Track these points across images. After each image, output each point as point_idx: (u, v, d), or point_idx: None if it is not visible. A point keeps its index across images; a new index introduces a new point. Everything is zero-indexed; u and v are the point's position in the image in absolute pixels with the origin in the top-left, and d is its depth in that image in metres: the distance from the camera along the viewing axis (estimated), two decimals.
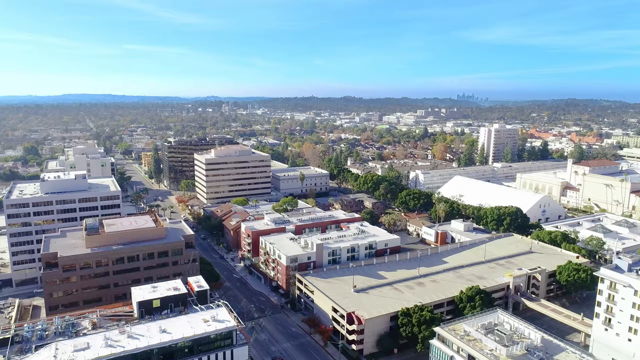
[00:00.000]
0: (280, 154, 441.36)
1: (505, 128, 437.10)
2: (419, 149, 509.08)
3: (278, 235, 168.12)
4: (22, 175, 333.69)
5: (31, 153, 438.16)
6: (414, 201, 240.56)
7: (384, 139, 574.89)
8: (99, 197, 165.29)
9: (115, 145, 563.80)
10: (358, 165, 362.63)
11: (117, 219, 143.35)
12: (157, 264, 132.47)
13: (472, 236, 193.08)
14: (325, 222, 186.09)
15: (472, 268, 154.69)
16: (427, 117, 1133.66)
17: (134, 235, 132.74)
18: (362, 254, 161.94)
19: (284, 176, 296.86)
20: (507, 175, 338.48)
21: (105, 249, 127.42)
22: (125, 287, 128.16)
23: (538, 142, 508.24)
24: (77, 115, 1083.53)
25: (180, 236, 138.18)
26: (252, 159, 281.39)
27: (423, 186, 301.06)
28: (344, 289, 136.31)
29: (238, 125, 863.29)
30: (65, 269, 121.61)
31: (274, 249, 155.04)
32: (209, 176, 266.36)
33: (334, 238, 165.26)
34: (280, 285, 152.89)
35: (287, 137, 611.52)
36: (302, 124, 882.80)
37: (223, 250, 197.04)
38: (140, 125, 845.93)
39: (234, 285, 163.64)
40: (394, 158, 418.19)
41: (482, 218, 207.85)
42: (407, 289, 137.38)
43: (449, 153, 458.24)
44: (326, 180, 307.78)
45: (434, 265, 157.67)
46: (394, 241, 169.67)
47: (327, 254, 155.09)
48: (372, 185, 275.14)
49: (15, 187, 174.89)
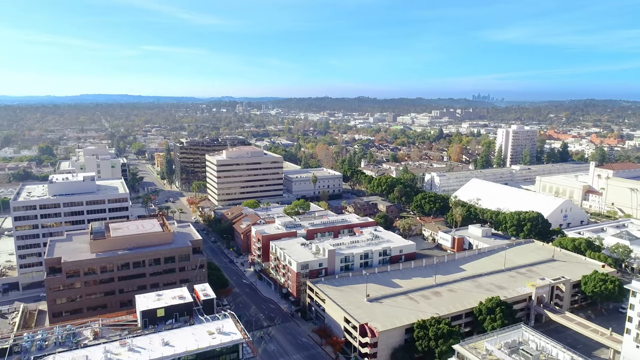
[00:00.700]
0: (293, 155, 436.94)
1: (524, 129, 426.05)
2: (434, 151, 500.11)
3: (289, 240, 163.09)
4: (35, 176, 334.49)
5: (46, 153, 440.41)
6: (430, 205, 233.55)
7: (398, 140, 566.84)
8: (106, 200, 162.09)
9: (129, 145, 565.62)
10: (372, 167, 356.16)
11: (124, 223, 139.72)
12: (163, 270, 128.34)
13: (490, 242, 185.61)
14: (337, 227, 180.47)
15: (492, 277, 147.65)
16: (442, 117, 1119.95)
17: (140, 240, 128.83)
18: (376, 260, 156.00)
19: (296, 178, 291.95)
20: (525, 178, 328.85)
21: (111, 254, 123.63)
22: (130, 294, 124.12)
23: (557, 144, 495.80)
24: (93, 116, 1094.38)
25: (187, 241, 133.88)
26: (264, 161, 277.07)
27: (439, 189, 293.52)
28: (356, 297, 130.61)
29: (251, 126, 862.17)
30: (69, 274, 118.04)
31: (285, 255, 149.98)
32: (220, 177, 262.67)
33: (346, 244, 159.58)
34: (291, 292, 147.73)
35: (301, 138, 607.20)
36: (316, 124, 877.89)
37: (233, 254, 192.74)
38: (154, 126, 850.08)
39: (243, 291, 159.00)
40: (408, 160, 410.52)
41: (501, 223, 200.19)
42: (423, 299, 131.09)
43: (465, 155, 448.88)
44: (339, 182, 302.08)
45: (451, 274, 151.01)
46: (409, 247, 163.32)
47: (339, 260, 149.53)
48: (386, 187, 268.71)
49: (23, 188, 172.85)
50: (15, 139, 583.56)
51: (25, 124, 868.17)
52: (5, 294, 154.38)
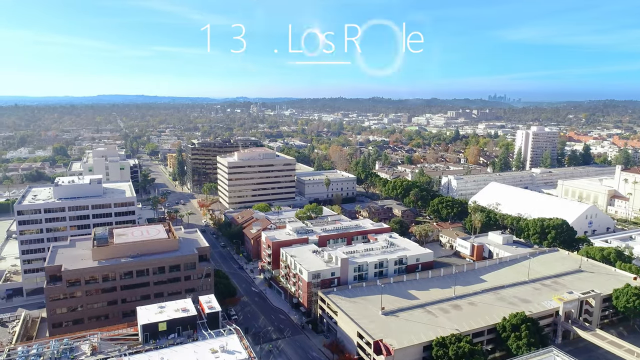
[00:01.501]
0: (306, 156, 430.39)
1: (544, 131, 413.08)
2: (451, 152, 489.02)
3: (300, 247, 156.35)
4: (48, 176, 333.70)
5: (60, 153, 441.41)
6: (447, 210, 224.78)
7: (413, 142, 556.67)
8: (113, 204, 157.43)
9: (143, 146, 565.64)
10: (387, 169, 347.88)
11: (128, 229, 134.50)
12: (168, 278, 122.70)
13: (512, 250, 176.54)
14: (351, 233, 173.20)
15: (515, 289, 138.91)
16: (458, 118, 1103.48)
17: (144, 247, 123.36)
18: (391, 269, 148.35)
19: (309, 180, 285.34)
20: (546, 181, 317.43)
21: (113, 262, 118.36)
22: (133, 304, 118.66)
23: (578, 146, 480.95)
24: (109, 116, 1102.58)
25: (194, 248, 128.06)
26: (277, 163, 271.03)
27: (456, 192, 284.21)
28: (370, 310, 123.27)
29: (265, 126, 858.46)
30: (70, 283, 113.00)
31: (295, 263, 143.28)
32: (231, 180, 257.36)
33: (360, 251, 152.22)
34: (301, 302, 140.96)
35: (314, 139, 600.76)
36: (330, 125, 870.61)
37: (243, 259, 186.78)
38: (169, 126, 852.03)
39: (252, 299, 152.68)
40: (424, 162, 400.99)
41: (523, 230, 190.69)
42: (442, 313, 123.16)
43: (483, 157, 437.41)
44: (353, 185, 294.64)
45: (471, 284, 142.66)
46: (426, 256, 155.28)
47: (352, 269, 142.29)
48: (401, 191, 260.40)
49: (30, 191, 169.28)
50: (31, 139, 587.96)
51: (42, 124, 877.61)
52: (9, 300, 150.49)
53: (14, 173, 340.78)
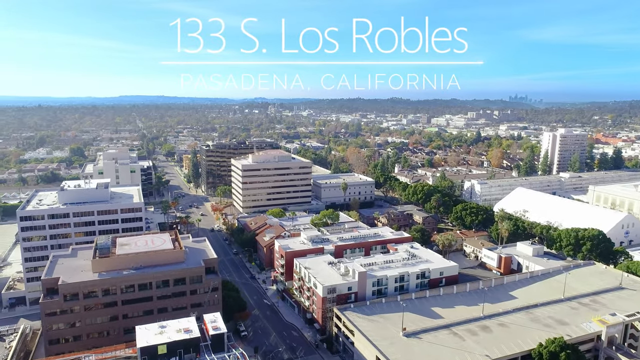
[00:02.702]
0: (323, 158, 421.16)
1: (573, 133, 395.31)
2: (472, 155, 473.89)
3: (315, 258, 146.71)
4: (62, 178, 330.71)
5: (76, 154, 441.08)
6: (471, 217, 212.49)
7: (433, 143, 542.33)
8: (119, 209, 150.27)
9: (160, 146, 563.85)
10: (406, 172, 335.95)
11: (133, 237, 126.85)
12: (172, 293, 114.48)
13: (543, 263, 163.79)
14: (369, 243, 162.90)
15: (549, 308, 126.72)
16: (479, 119, 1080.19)
17: (147, 259, 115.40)
18: (413, 284, 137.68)
19: (326, 184, 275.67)
20: (576, 187, 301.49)
21: (114, 275, 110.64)
22: (135, 319, 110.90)
23: (607, 149, 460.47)
24: (129, 116, 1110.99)
25: (201, 260, 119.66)
26: (292, 165, 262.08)
27: (479, 198, 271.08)
28: (390, 331, 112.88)
29: (282, 127, 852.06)
30: (67, 297, 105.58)
31: (310, 276, 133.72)
32: (245, 183, 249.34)
33: (379, 263, 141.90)
34: (316, 318, 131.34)
35: (331, 140, 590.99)
36: (348, 126, 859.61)
37: (255, 268, 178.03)
38: (186, 127, 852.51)
39: (263, 313, 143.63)
40: (445, 165, 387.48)
41: (555, 241, 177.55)
42: (470, 335, 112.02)
43: (506, 160, 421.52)
44: (371, 189, 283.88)
45: (501, 301, 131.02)
46: (450, 269, 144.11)
47: (371, 283, 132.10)
48: (422, 196, 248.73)
49: (35, 195, 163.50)
50: (50, 140, 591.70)
51: (63, 124, 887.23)
52: (11, 309, 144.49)
53: (30, 174, 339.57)
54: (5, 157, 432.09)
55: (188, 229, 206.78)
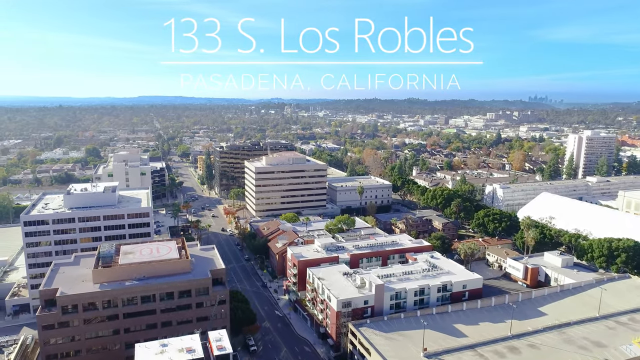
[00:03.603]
0: (339, 160, 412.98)
1: (600, 135, 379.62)
2: (493, 157, 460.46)
3: (329, 268, 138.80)
4: (77, 179, 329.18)
5: (92, 155, 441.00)
6: (494, 223, 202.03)
7: (452, 145, 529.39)
8: (126, 214, 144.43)
9: (175, 147, 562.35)
10: (425, 175, 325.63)
11: (138, 245, 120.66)
12: (177, 305, 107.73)
13: (573, 275, 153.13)
14: (387, 252, 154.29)
15: (584, 327, 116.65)
16: (498, 120, 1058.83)
17: (151, 269, 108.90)
18: (434, 297, 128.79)
19: (342, 187, 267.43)
20: (603, 191, 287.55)
21: (116, 286, 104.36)
22: (138, 333, 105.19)
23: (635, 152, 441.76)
24: (147, 117, 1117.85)
25: (207, 271, 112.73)
26: (307, 168, 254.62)
27: (502, 203, 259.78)
28: (410, 350, 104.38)
29: (298, 128, 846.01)
30: (66, 309, 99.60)
31: (323, 287, 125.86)
32: (258, 186, 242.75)
33: (397, 275, 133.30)
34: (329, 333, 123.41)
35: (348, 141, 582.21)
36: (364, 127, 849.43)
37: (267, 276, 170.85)
38: (202, 127, 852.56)
39: (274, 325, 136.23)
40: (465, 167, 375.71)
41: (586, 251, 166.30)
42: (497, 357, 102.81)
43: (528, 162, 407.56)
44: (388, 193, 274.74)
45: (529, 318, 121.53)
46: (474, 282, 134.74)
47: (388, 297, 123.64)
48: (441, 201, 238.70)
49: (42, 198, 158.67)
50: (68, 140, 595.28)
51: (82, 124, 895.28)
52: (15, 317, 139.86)
53: (45, 175, 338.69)
54: (23, 157, 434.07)
55: (199, 233, 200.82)
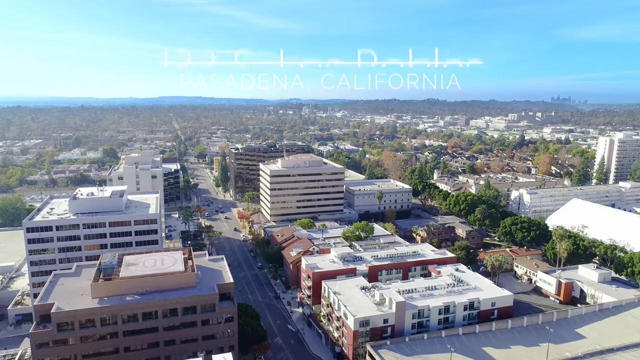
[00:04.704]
0: (357, 162, 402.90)
1: (633, 138, 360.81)
2: (517, 160, 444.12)
3: (346, 281, 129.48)
4: (92, 180, 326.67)
5: (109, 155, 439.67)
6: (523, 232, 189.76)
7: (474, 147, 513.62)
8: (133, 221, 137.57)
9: (192, 148, 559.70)
10: (446, 179, 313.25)
11: (141, 256, 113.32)
12: (181, 323, 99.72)
13: (612, 292, 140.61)
14: (408, 263, 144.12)
15: (629, 354, 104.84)
16: (520, 121, 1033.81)
17: (154, 283, 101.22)
18: (460, 316, 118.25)
19: (360, 191, 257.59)
20: (638, 198, 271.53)
21: (116, 301, 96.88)
22: (139, 353, 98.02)
23: None
24: (166, 117, 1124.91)
25: (214, 285, 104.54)
26: (324, 171, 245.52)
27: (528, 209, 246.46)
28: None
29: (316, 129, 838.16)
30: (61, 327, 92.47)
31: (340, 303, 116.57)
32: (273, 190, 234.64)
33: (420, 290, 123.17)
34: (345, 353, 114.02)
35: (366, 143, 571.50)
36: (383, 127, 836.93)
37: (280, 286, 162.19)
38: (220, 128, 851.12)
39: (286, 342, 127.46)
40: (488, 171, 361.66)
41: (626, 265, 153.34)
42: None
43: (555, 166, 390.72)
44: (408, 197, 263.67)
45: (566, 341, 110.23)
46: (504, 299, 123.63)
47: (410, 315, 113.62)
48: (465, 206, 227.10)
49: (48, 202, 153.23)
50: (87, 140, 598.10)
51: (102, 124, 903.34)
52: (17, 327, 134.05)
53: (60, 176, 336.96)
54: (41, 158, 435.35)
55: (211, 239, 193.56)
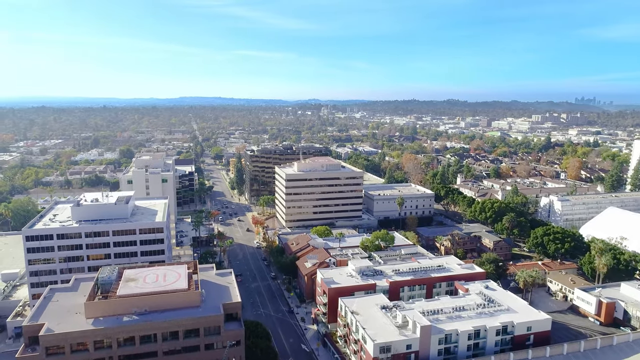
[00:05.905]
0: (376, 164, 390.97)
1: None
2: (543, 163, 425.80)
3: (364, 298, 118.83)
4: (107, 181, 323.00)
5: (126, 156, 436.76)
6: (556, 244, 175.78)
7: (497, 150, 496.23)
8: (137, 230, 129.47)
9: (209, 148, 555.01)
10: (471, 184, 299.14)
11: (142, 270, 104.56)
12: (182, 347, 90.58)
13: None
14: (432, 279, 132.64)
15: None
16: (544, 122, 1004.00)
17: (153, 302, 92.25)
18: (491, 342, 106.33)
19: (379, 196, 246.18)
20: None
21: (112, 322, 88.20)
22: None
23: None
24: (185, 117, 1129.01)
25: (220, 305, 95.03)
26: (342, 175, 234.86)
27: (559, 217, 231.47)
28: None
29: (334, 130, 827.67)
30: (50, 351, 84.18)
31: (358, 325, 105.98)
32: (289, 194, 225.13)
33: (446, 311, 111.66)
34: None
35: (385, 145, 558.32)
36: (402, 129, 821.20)
37: (294, 300, 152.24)
38: (238, 128, 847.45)
39: None
40: (514, 175, 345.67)
41: None
42: None
43: (584, 170, 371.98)
44: (430, 203, 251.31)
45: None
46: (541, 323, 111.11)
47: (436, 340, 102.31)
48: (491, 214, 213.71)
49: (53, 208, 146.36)
50: (105, 140, 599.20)
51: (122, 125, 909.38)
52: (17, 340, 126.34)
53: (76, 177, 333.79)
54: (59, 158, 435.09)
55: (224, 246, 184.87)
